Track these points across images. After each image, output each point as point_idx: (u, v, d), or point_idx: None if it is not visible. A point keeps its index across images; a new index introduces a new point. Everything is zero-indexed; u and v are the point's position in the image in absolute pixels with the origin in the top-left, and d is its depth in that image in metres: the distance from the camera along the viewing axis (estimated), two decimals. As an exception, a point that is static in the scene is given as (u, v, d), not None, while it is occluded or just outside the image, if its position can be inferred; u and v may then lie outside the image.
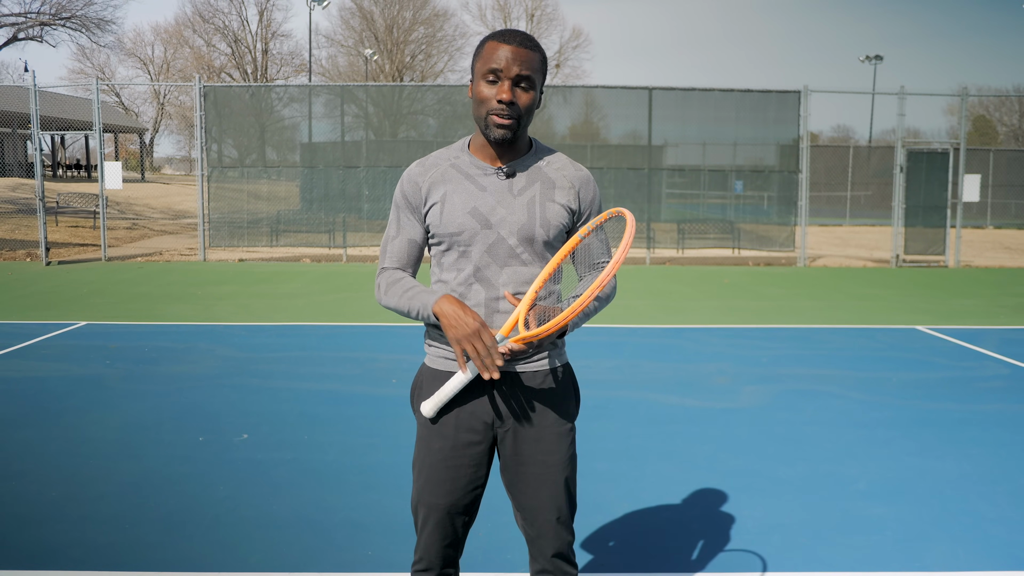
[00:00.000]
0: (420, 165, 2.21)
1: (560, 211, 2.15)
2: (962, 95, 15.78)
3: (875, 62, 49.64)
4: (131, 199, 26.76)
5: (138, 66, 56.89)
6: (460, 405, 2.17)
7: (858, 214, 28.07)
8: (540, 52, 2.11)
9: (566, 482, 2.20)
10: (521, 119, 2.08)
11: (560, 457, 2.18)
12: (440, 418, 2.19)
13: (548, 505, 2.19)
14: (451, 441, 2.17)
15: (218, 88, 16.42)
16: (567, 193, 2.16)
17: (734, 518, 3.76)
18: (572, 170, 2.20)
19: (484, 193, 2.13)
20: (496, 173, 2.14)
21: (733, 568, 3.30)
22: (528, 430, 2.17)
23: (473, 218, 2.11)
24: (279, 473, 4.28)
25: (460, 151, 2.20)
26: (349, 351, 7.35)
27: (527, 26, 56.32)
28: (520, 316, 2.02)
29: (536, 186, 2.15)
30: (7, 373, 6.46)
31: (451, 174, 2.16)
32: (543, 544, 2.22)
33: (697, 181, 16.57)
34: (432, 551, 2.25)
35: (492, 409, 2.16)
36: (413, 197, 2.18)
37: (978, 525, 3.70)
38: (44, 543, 3.45)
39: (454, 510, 2.21)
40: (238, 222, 15.69)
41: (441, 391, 2.10)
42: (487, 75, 2.06)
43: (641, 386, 6.16)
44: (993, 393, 6.17)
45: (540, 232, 2.12)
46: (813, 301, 10.80)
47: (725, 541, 3.53)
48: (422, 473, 2.22)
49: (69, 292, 10.82)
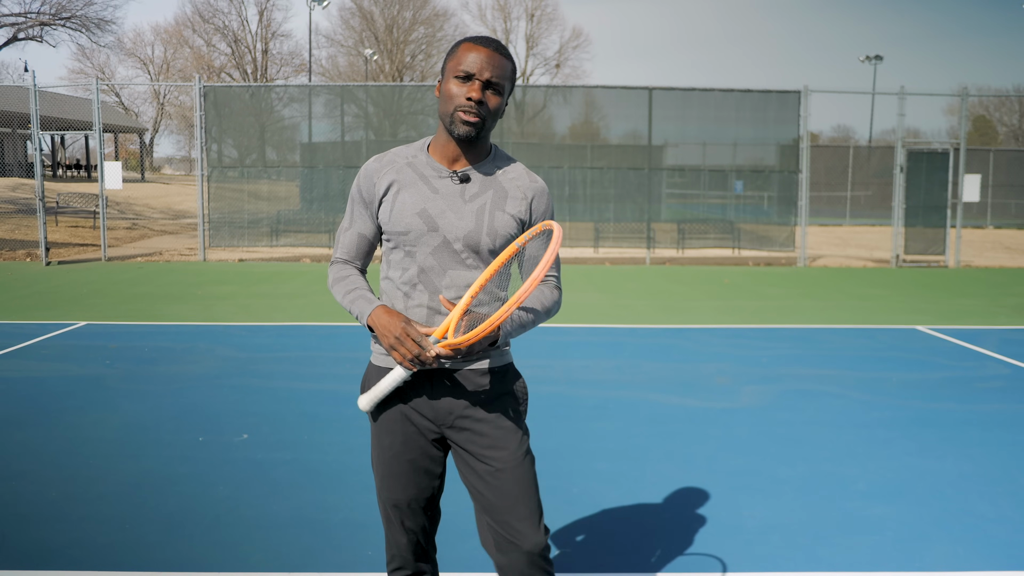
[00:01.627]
0: (377, 160, 2.22)
1: (509, 221, 2.15)
2: (962, 95, 15.78)
3: (875, 62, 49.64)
4: (131, 199, 26.76)
5: (138, 66, 56.91)
6: (403, 401, 2.19)
7: (858, 214, 28.07)
8: (512, 62, 2.14)
9: (523, 477, 2.15)
10: (486, 120, 2.09)
11: (508, 454, 2.15)
12: (382, 414, 2.21)
13: (509, 504, 2.13)
14: (400, 436, 2.20)
15: (218, 88, 16.42)
16: (519, 204, 2.17)
17: (734, 518, 3.76)
18: (527, 180, 2.20)
19: (436, 195, 2.13)
20: (451, 177, 2.15)
21: (733, 568, 3.30)
22: (471, 426, 2.17)
23: (421, 219, 2.12)
24: (279, 473, 4.28)
25: (419, 150, 2.21)
26: (349, 351, 7.35)
27: (527, 26, 56.37)
28: (452, 321, 2.03)
29: (488, 194, 2.15)
30: (7, 373, 6.46)
31: (406, 172, 2.17)
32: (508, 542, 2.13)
33: (697, 181, 16.57)
34: (402, 548, 2.27)
35: (435, 407, 2.18)
36: (367, 192, 2.19)
37: (978, 525, 3.70)
38: (44, 543, 3.45)
39: (415, 505, 2.23)
40: (238, 222, 15.69)
41: (376, 387, 2.12)
42: (459, 74, 2.08)
43: (641, 386, 6.16)
44: (993, 393, 6.17)
45: (486, 240, 2.12)
46: (813, 301, 10.80)
47: (725, 541, 3.53)
48: (378, 471, 2.26)
49: (69, 292, 10.82)
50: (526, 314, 2.12)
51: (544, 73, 56.81)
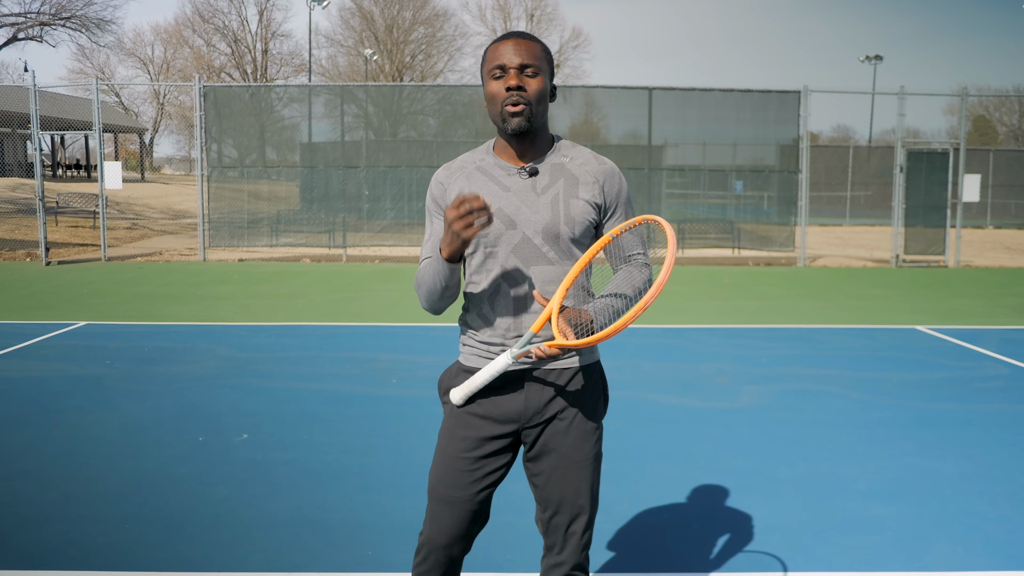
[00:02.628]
0: (446, 169, 2.25)
1: (585, 207, 2.15)
2: (962, 95, 15.78)
3: (875, 62, 49.63)
4: (131, 199, 26.76)
5: (138, 66, 56.92)
6: (491, 397, 2.18)
7: (858, 214, 28.06)
8: (541, 43, 2.14)
9: (590, 477, 2.22)
10: (532, 105, 2.09)
11: (585, 453, 2.20)
12: (465, 407, 2.20)
13: (570, 499, 2.20)
14: (475, 432, 2.19)
15: (218, 88, 16.42)
16: (591, 188, 2.17)
17: (734, 518, 3.76)
18: (595, 164, 2.21)
19: (508, 193, 2.14)
20: (519, 172, 2.16)
21: (733, 568, 3.30)
22: (555, 424, 2.19)
23: (498, 219, 2.12)
24: (279, 473, 4.28)
25: (485, 153, 2.23)
26: (349, 351, 7.35)
27: (527, 26, 56.32)
28: (553, 314, 2.03)
29: (559, 183, 2.16)
30: (7, 373, 6.46)
31: (476, 176, 2.19)
32: (562, 537, 2.23)
33: (697, 181, 16.58)
34: (436, 537, 2.23)
35: (521, 404, 2.18)
36: (441, 200, 2.22)
37: (978, 525, 3.70)
38: (44, 543, 3.45)
39: (470, 504, 2.21)
40: (238, 222, 15.69)
41: (472, 380, 2.13)
42: (493, 72, 2.11)
43: (641, 386, 6.16)
44: (993, 393, 6.17)
45: (565, 230, 2.13)
46: (813, 301, 10.80)
47: (725, 541, 3.53)
48: (443, 463, 2.23)
49: (69, 292, 10.82)
50: (619, 301, 2.12)
51: (544, 73, 56.75)
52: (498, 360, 2.08)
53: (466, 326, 2.25)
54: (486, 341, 2.18)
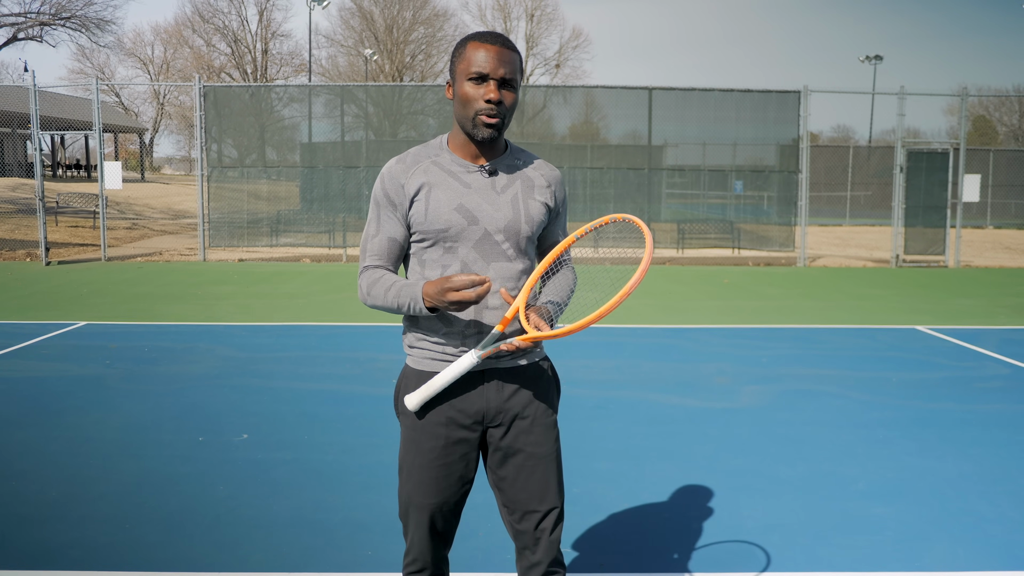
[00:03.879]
0: (400, 162, 2.20)
1: (541, 208, 2.22)
2: (962, 95, 15.78)
3: (875, 62, 49.63)
4: (131, 199, 26.76)
5: (138, 66, 56.92)
6: (449, 401, 2.18)
7: (858, 214, 28.06)
8: (519, 54, 2.18)
9: (556, 471, 2.26)
10: (505, 118, 2.13)
11: (549, 448, 2.25)
12: (426, 415, 2.19)
13: (537, 496, 2.23)
14: (443, 440, 2.19)
15: (218, 88, 16.42)
16: (545, 192, 2.24)
17: (734, 518, 3.76)
18: (548, 169, 2.30)
19: (469, 190, 2.16)
20: (479, 171, 2.18)
21: (733, 568, 3.30)
22: (518, 424, 2.22)
23: (460, 214, 2.14)
24: (279, 473, 4.28)
25: (439, 149, 2.22)
26: (349, 351, 7.35)
27: (527, 26, 56.35)
28: (520, 311, 2.07)
29: (517, 184, 2.21)
30: (7, 373, 6.46)
31: (434, 171, 2.17)
32: (534, 536, 2.25)
33: (697, 181, 16.58)
34: (426, 551, 2.29)
35: (483, 403, 2.19)
36: (395, 194, 2.18)
37: (978, 525, 3.70)
38: (44, 543, 3.45)
39: (445, 508, 2.24)
40: (238, 222, 15.70)
41: (432, 382, 2.13)
42: (471, 76, 2.09)
43: (641, 386, 6.16)
44: (993, 393, 6.17)
45: (525, 228, 2.18)
46: (813, 301, 10.80)
47: (725, 541, 3.53)
48: (412, 475, 2.23)
49: (69, 292, 10.82)
50: (566, 299, 2.23)
51: (544, 73, 56.82)
52: (462, 360, 2.08)
53: (416, 328, 2.21)
54: (442, 342, 2.17)
